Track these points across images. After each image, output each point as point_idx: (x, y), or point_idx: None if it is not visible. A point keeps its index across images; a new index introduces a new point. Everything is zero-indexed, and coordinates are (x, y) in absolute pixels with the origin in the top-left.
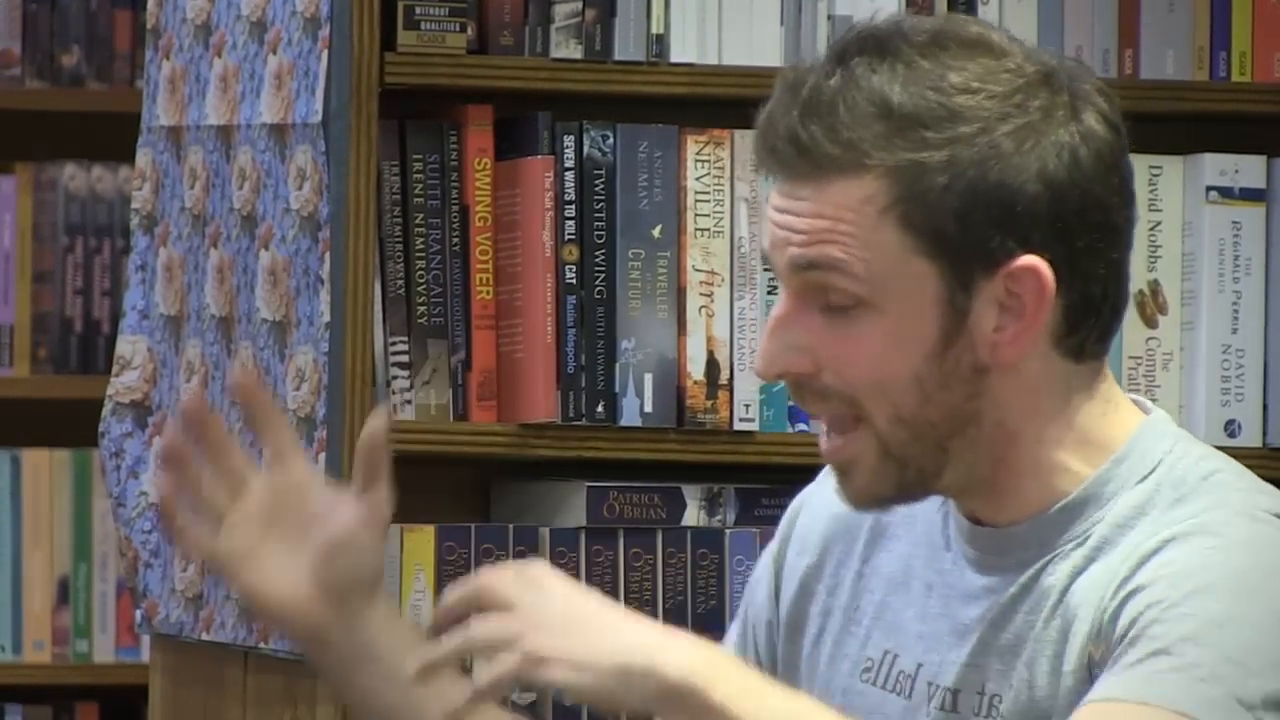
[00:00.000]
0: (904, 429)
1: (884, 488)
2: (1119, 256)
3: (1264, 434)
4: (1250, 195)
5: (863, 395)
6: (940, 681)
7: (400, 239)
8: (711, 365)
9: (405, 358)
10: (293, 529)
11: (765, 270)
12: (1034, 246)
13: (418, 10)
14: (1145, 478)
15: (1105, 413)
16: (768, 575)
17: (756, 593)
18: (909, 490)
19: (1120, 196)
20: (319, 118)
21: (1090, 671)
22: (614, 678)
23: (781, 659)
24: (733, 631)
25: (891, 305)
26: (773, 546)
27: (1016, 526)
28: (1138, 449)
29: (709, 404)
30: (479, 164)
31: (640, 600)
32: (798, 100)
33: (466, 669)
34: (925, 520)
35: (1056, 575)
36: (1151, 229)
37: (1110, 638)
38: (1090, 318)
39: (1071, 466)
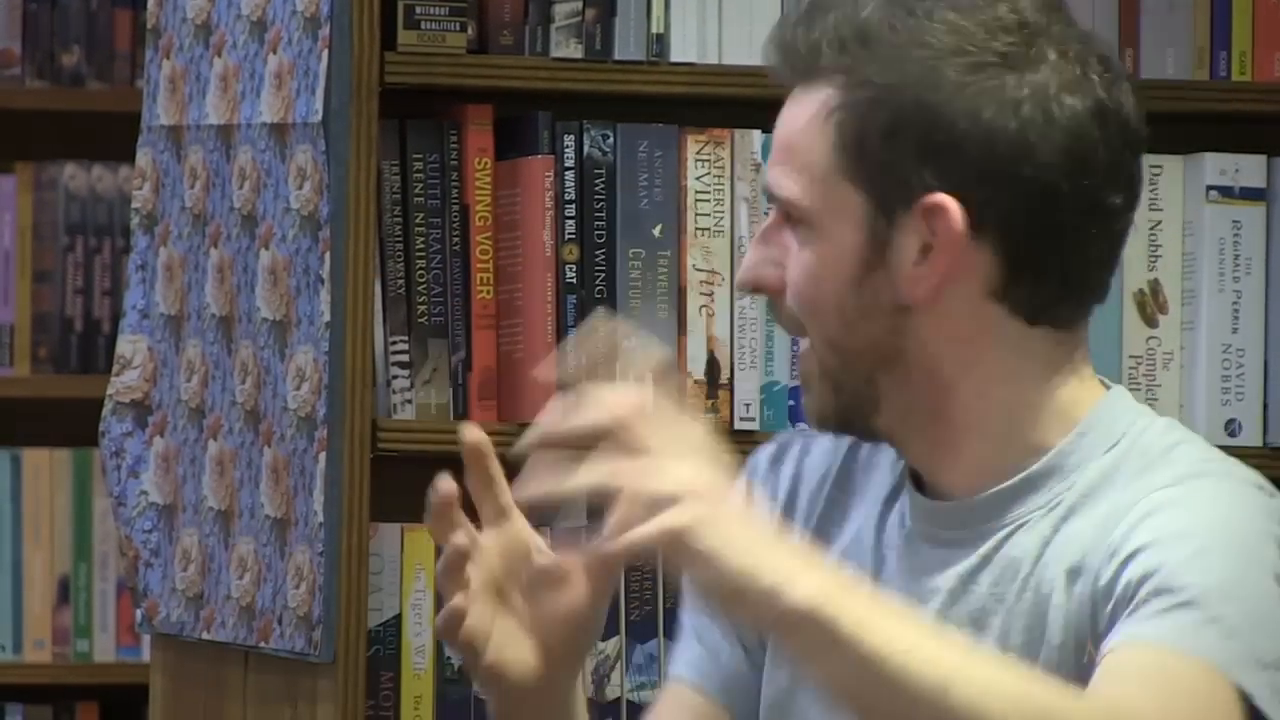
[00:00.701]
0: (833, 354)
1: (825, 405)
2: (1064, 219)
3: (1264, 433)
4: (1250, 195)
5: (802, 315)
6: None
7: (400, 238)
8: (712, 365)
9: (405, 357)
10: (521, 601)
11: None
12: (955, 187)
13: (418, 10)
14: (1111, 448)
15: (1067, 384)
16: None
17: None
18: (850, 419)
19: (1073, 169)
20: (319, 117)
21: (1094, 633)
22: (737, 588)
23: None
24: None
25: (820, 227)
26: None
27: (975, 498)
28: (1102, 421)
29: (709, 403)
30: (479, 163)
31: (640, 600)
32: (801, 8)
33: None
34: (876, 496)
35: (1024, 546)
36: (1152, 228)
37: (1114, 598)
38: (1030, 274)
39: (1031, 435)
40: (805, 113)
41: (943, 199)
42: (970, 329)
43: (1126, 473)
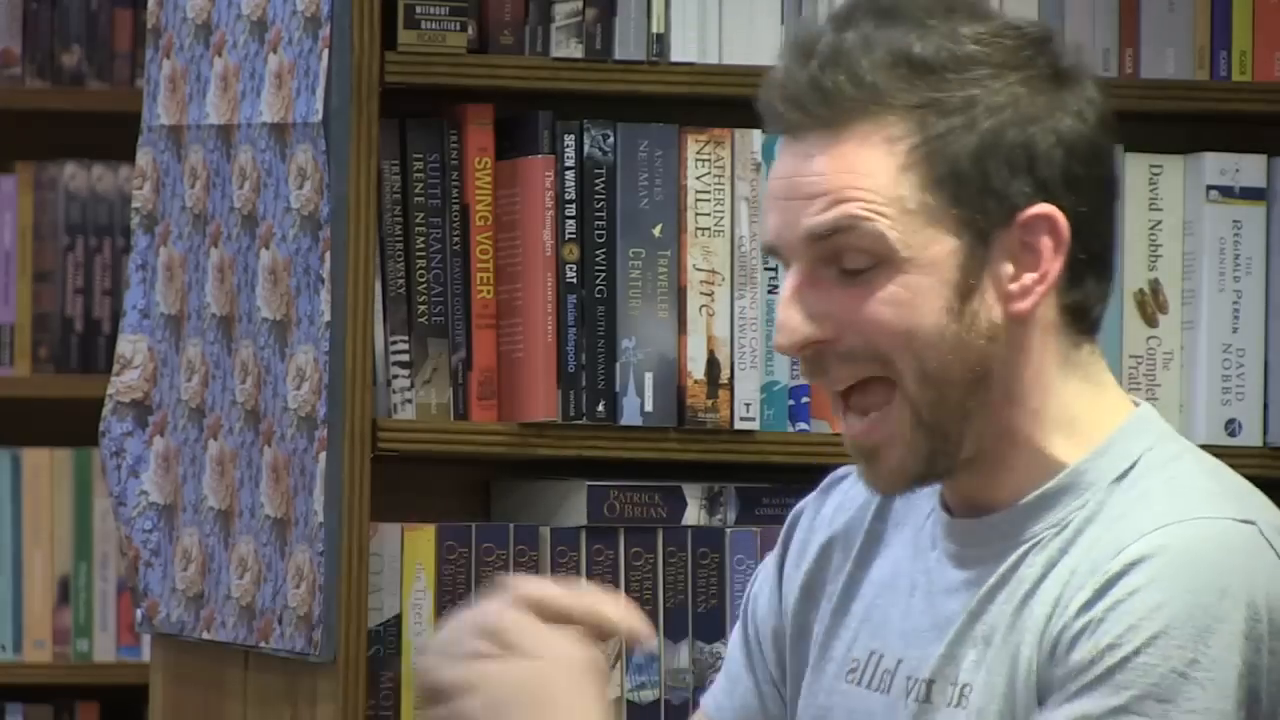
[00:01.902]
0: (930, 388)
1: (915, 462)
2: (1114, 214)
3: (1264, 433)
4: (1251, 194)
5: (889, 350)
6: (918, 674)
7: (401, 238)
8: (712, 364)
9: (406, 357)
10: None
11: (766, 269)
12: (1048, 196)
13: (418, 9)
14: (1123, 475)
15: (1095, 398)
16: (770, 584)
17: (759, 604)
18: (936, 463)
19: (1114, 164)
20: (319, 117)
21: (1040, 678)
22: None
23: (790, 668)
24: (735, 645)
25: (912, 259)
26: (773, 557)
27: (993, 516)
28: (1119, 444)
29: (709, 403)
30: (479, 163)
31: (641, 600)
32: (814, 55)
33: None
34: (914, 525)
35: (1034, 565)
36: (1152, 228)
37: (1066, 662)
38: (1091, 278)
39: (1056, 448)
40: (866, 150)
41: (1048, 208)
42: (1042, 341)
43: (1121, 504)
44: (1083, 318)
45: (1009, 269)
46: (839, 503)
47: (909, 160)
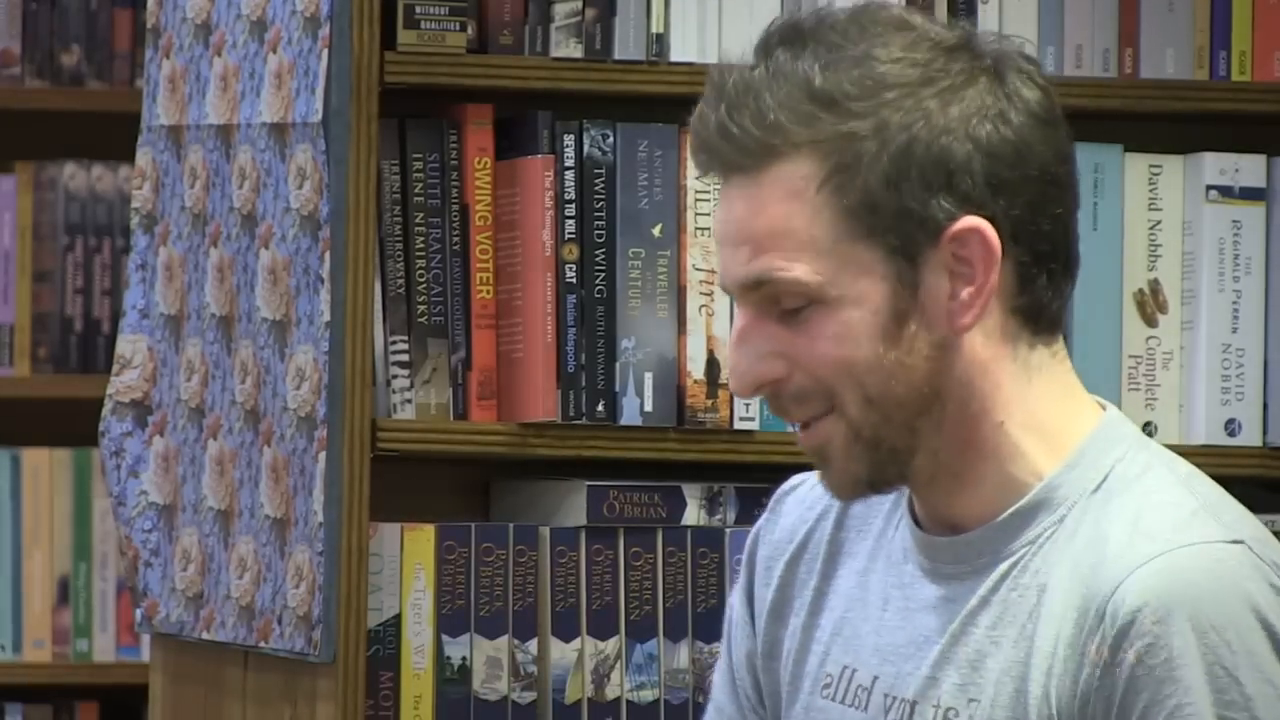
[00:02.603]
0: (874, 410)
1: (860, 469)
2: (1063, 211)
3: (1264, 433)
4: (1250, 194)
5: (833, 384)
6: (897, 693)
7: (400, 238)
8: (711, 364)
9: (405, 357)
10: None
11: None
12: (973, 207)
13: (418, 9)
14: (1097, 487)
15: (1061, 402)
16: (741, 611)
17: (735, 632)
18: (885, 473)
19: (1059, 152)
20: (319, 117)
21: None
22: None
23: (766, 688)
24: (720, 675)
25: (841, 294)
26: (741, 581)
27: (968, 534)
28: (1090, 454)
29: (709, 403)
30: (479, 163)
31: (640, 600)
32: (724, 95)
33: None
34: (876, 532)
35: (1021, 589)
36: (1151, 228)
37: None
38: (1041, 275)
39: (1025, 460)
40: (778, 194)
41: (972, 221)
42: (992, 350)
43: (1100, 522)
44: (1037, 318)
45: (945, 286)
46: (796, 514)
47: (819, 199)
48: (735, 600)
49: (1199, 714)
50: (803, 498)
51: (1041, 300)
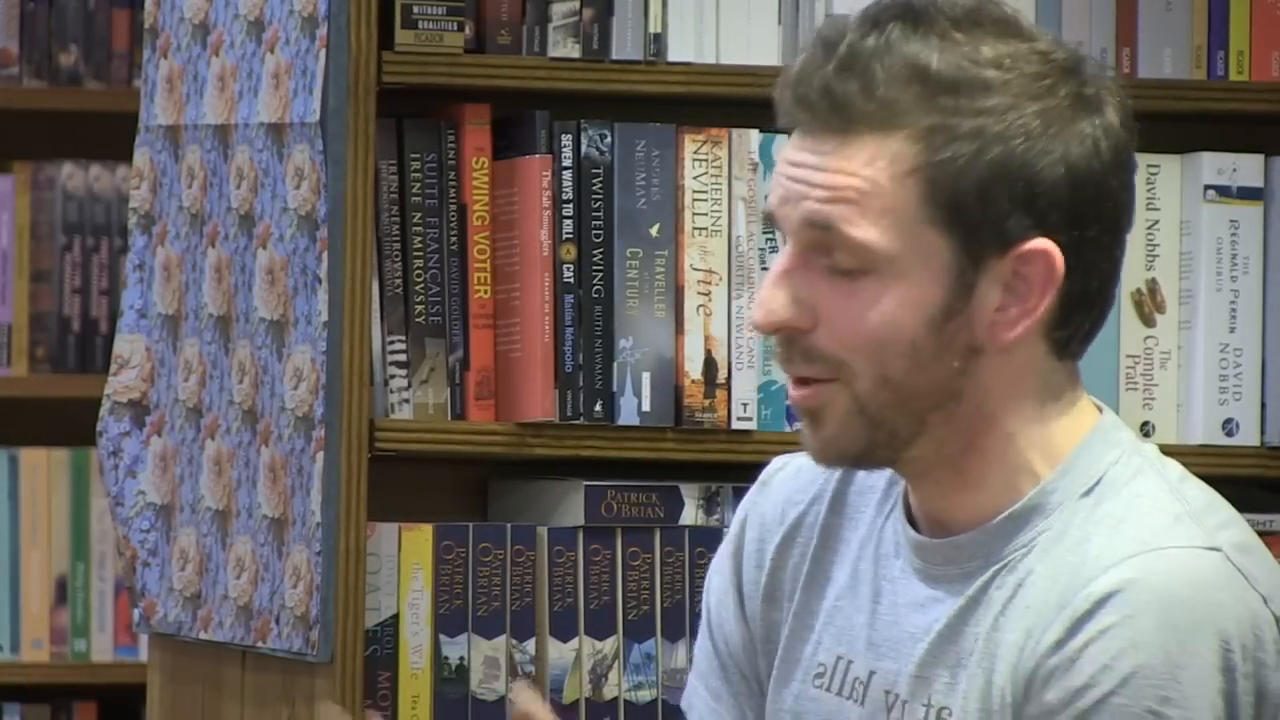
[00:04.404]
0: (888, 391)
1: (852, 443)
2: (1120, 254)
3: (1262, 433)
4: (1248, 194)
5: (853, 357)
6: (895, 690)
7: (398, 238)
8: (709, 364)
9: (403, 357)
10: None
11: (764, 269)
12: (1048, 231)
13: (415, 9)
14: (1087, 492)
15: (1068, 415)
16: (730, 595)
17: (724, 618)
18: (876, 452)
19: (1128, 195)
20: (317, 117)
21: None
22: None
23: (764, 673)
24: (701, 659)
25: (900, 272)
26: (725, 566)
27: (961, 537)
28: (1083, 458)
29: (707, 403)
30: (477, 163)
31: (638, 600)
32: (833, 56)
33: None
34: (870, 522)
35: (1004, 588)
36: (1149, 228)
37: (1040, 701)
38: (1083, 312)
39: (1034, 467)
40: (870, 161)
41: (1045, 244)
42: (1020, 370)
43: (1085, 525)
44: (1066, 347)
45: (996, 298)
46: (785, 496)
47: (911, 179)
48: (722, 586)
49: (1127, 707)
50: (792, 478)
51: (1077, 335)
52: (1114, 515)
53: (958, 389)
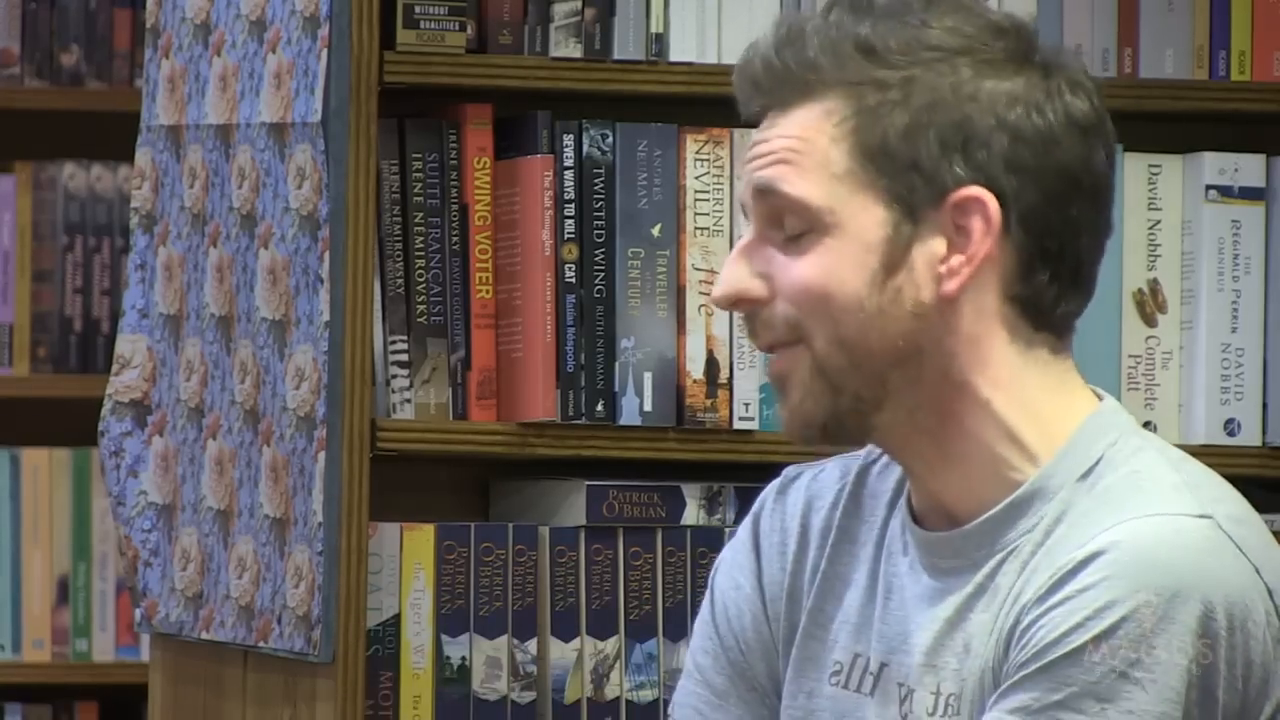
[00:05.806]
0: (842, 353)
1: (817, 409)
2: (1079, 216)
3: (1263, 433)
4: (1249, 194)
5: (805, 316)
6: (905, 681)
7: (400, 238)
8: (711, 364)
9: (405, 357)
10: None
11: None
12: (985, 180)
13: (417, 9)
14: (1086, 474)
15: (1060, 394)
16: (750, 594)
17: (742, 624)
18: (843, 422)
19: (1088, 161)
20: (318, 116)
21: (994, 672)
22: None
23: (780, 674)
24: (702, 660)
25: (838, 228)
26: (746, 563)
27: (965, 528)
28: (1082, 441)
29: (708, 403)
30: (478, 163)
31: (640, 599)
32: (776, 35)
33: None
34: (882, 522)
35: (1009, 574)
36: (1151, 228)
37: (1015, 654)
38: (1044, 271)
39: (1020, 449)
40: (806, 122)
41: (978, 191)
42: (984, 328)
43: (1085, 502)
44: (1036, 313)
45: (940, 249)
46: (806, 500)
47: (841, 131)
48: (739, 582)
49: (1096, 665)
50: (813, 481)
51: (1042, 297)
52: (1113, 490)
53: (918, 347)
